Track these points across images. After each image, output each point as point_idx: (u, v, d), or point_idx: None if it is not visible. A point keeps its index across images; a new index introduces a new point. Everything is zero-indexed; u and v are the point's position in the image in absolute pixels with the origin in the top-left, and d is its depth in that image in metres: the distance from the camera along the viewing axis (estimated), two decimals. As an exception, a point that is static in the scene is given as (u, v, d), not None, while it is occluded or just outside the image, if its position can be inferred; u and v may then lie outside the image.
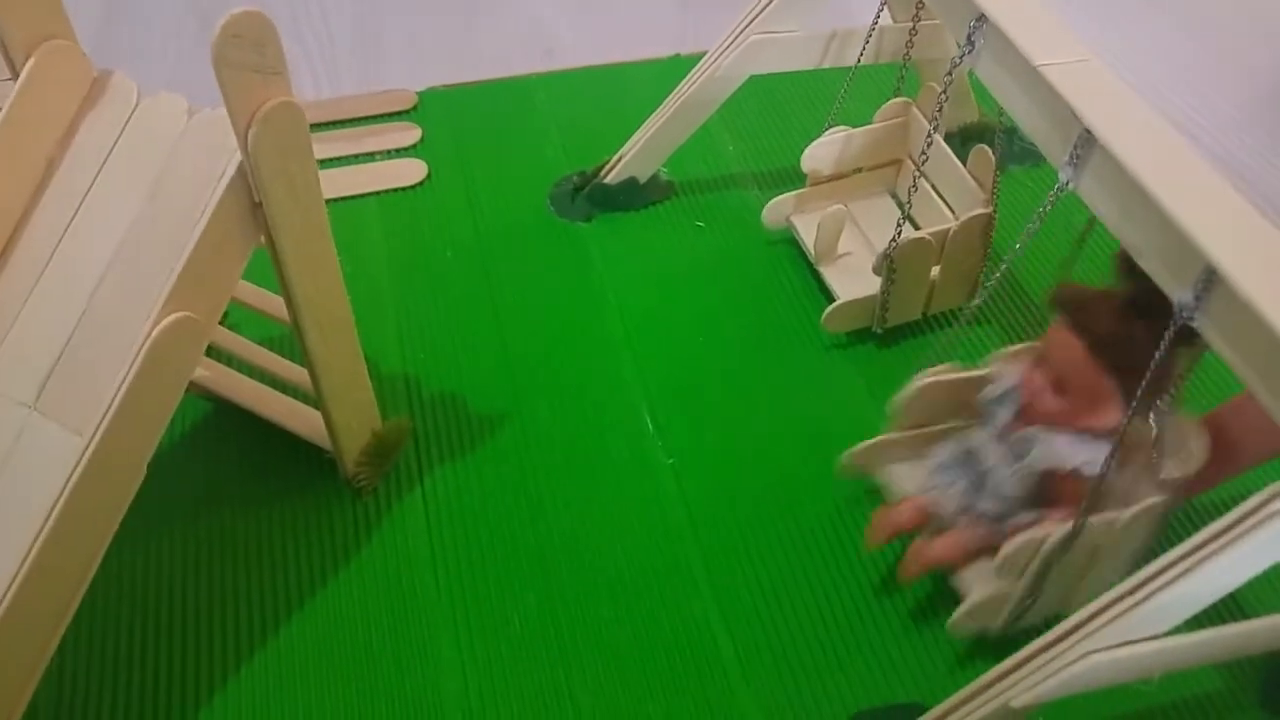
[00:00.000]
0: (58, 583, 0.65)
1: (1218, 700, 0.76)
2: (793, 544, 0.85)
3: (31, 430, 0.69)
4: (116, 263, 0.70)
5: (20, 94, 0.70)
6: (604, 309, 1.04)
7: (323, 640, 0.79)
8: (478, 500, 0.88)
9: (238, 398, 0.91)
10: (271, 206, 0.67)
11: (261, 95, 0.62)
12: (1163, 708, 0.75)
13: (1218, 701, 0.76)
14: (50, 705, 0.75)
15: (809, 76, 1.08)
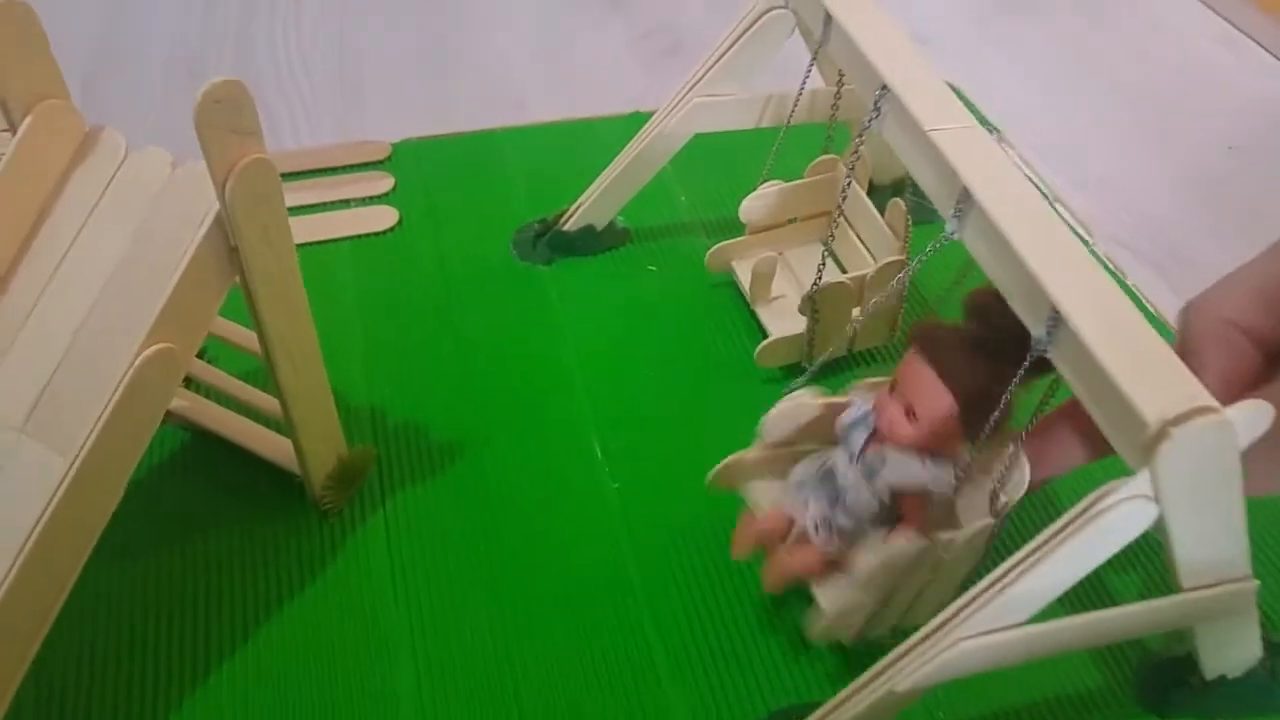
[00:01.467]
0: (39, 592, 0.71)
1: (1097, 696, 0.84)
2: (721, 559, 0.92)
3: (20, 451, 0.76)
4: (101, 300, 0.78)
5: (16, 149, 0.79)
6: (560, 346, 1.12)
7: (290, 647, 0.85)
8: (436, 522, 0.95)
9: (212, 425, 0.98)
10: (246, 250, 0.75)
11: (238, 153, 0.71)
12: (1046, 703, 0.83)
13: (1097, 698, 0.83)
14: (30, 711, 0.81)
15: (754, 133, 1.18)
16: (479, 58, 1.66)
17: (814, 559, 0.79)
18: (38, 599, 0.71)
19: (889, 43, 0.89)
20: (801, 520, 0.80)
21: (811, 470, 0.81)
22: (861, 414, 0.79)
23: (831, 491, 0.79)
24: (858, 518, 0.78)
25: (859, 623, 0.79)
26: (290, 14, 1.74)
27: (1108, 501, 0.60)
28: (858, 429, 0.79)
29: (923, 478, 0.75)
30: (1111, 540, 0.62)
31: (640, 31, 1.72)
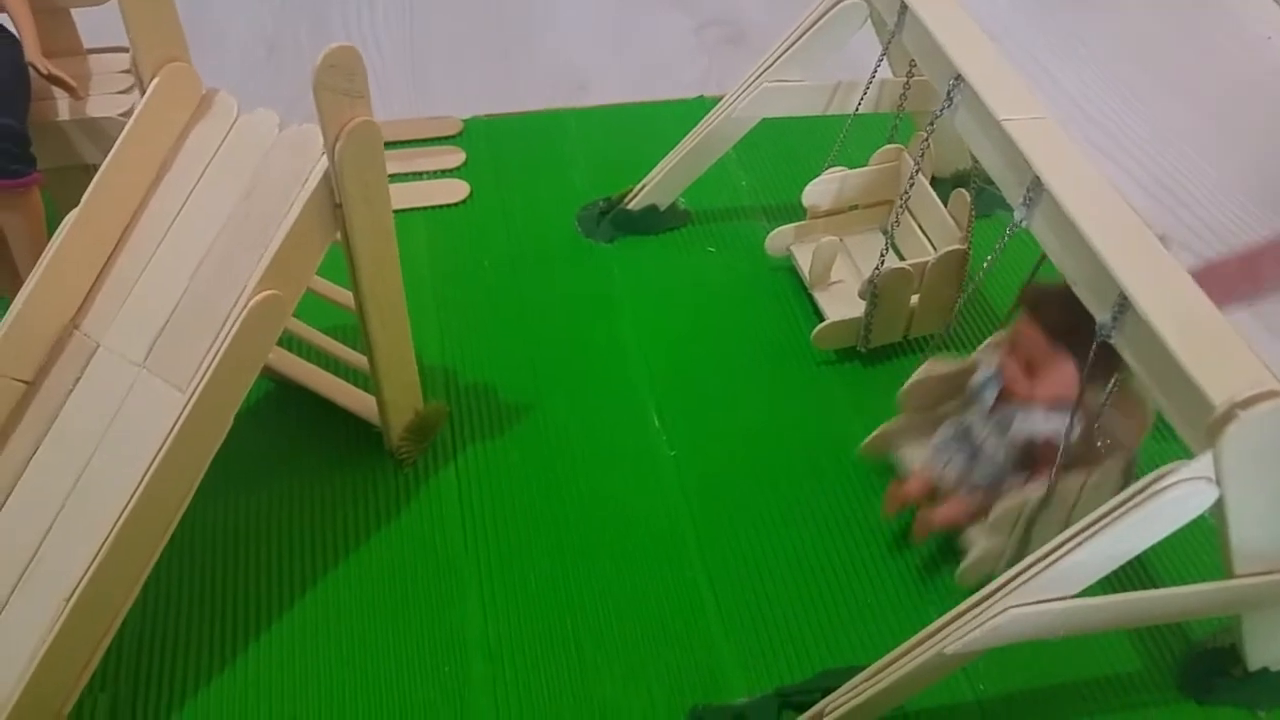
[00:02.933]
0: (158, 514, 0.77)
1: (1138, 680, 0.87)
2: (773, 526, 0.96)
3: (141, 385, 0.82)
4: (214, 248, 0.84)
5: (145, 107, 0.84)
6: (620, 319, 1.17)
7: (367, 585, 0.91)
8: (503, 477, 1.00)
9: (298, 377, 1.04)
10: (349, 208, 0.80)
11: (348, 114, 0.76)
12: (1088, 684, 0.86)
13: (1138, 682, 0.87)
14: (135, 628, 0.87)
15: (817, 120, 1.21)
16: (544, 40, 1.70)
17: (957, 512, 0.86)
18: (154, 524, 0.77)
19: (963, 34, 0.92)
20: (943, 477, 0.87)
21: (950, 432, 0.88)
22: (991, 374, 0.86)
23: (969, 449, 0.86)
24: (994, 471, 0.85)
25: (1001, 565, 0.85)
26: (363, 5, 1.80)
27: (1168, 481, 0.63)
28: (988, 388, 0.85)
29: (1046, 428, 0.81)
30: (1168, 519, 0.65)
31: (701, 20, 1.76)
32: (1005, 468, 0.84)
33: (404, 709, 0.83)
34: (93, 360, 0.84)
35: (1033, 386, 0.81)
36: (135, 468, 0.78)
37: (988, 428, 0.85)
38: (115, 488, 0.79)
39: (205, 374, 0.76)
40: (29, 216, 0.97)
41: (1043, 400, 0.81)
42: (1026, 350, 0.82)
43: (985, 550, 0.84)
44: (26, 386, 0.83)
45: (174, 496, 0.77)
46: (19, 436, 0.83)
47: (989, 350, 0.89)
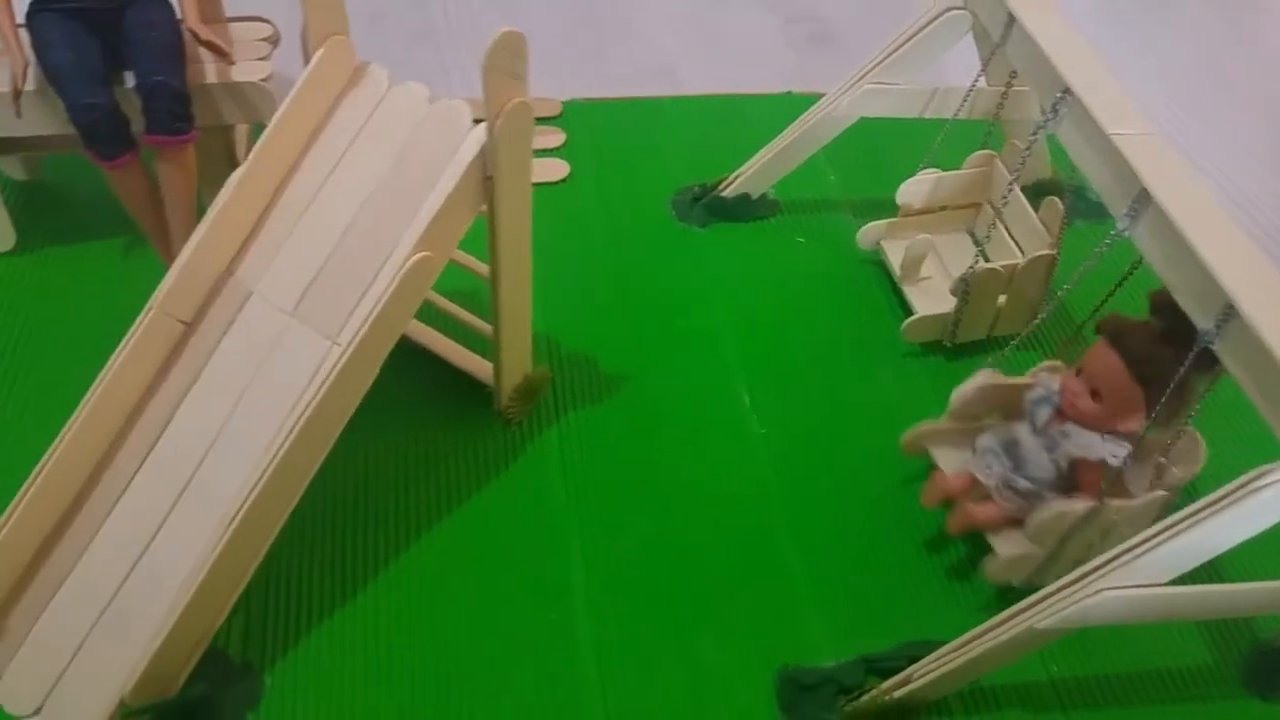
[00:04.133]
0: (310, 451, 0.84)
1: (1204, 674, 0.92)
2: (861, 503, 1.02)
3: (290, 331, 0.88)
4: (364, 210, 0.90)
5: (309, 77, 0.90)
6: (712, 302, 1.22)
7: (476, 532, 0.98)
8: (603, 441, 1.07)
9: (419, 338, 1.10)
10: (500, 180, 0.86)
11: (510, 94, 0.82)
12: (1157, 674, 0.91)
13: (1204, 675, 0.92)
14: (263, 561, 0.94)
15: (902, 122, 1.26)
16: (634, 28, 1.75)
17: (995, 514, 0.91)
18: (306, 460, 0.83)
19: (1070, 46, 0.97)
20: (985, 481, 0.92)
21: (996, 439, 0.93)
22: (1047, 393, 0.91)
23: (1014, 458, 0.91)
24: (1036, 482, 0.89)
25: (1028, 570, 0.90)
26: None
27: (1265, 480, 0.68)
28: (1043, 405, 0.90)
29: (1101, 451, 0.85)
30: (1262, 517, 0.69)
31: (787, 17, 1.80)
32: (1047, 482, 0.89)
33: (512, 651, 0.90)
34: (246, 306, 0.90)
35: (1100, 412, 0.85)
36: (285, 406, 0.85)
37: (1036, 442, 0.89)
38: (267, 424, 0.86)
39: (362, 327, 0.82)
40: (185, 171, 1.04)
41: (1108, 426, 0.85)
42: (1097, 376, 0.85)
43: (1019, 555, 0.89)
44: (185, 327, 0.90)
45: (325, 436, 0.84)
46: (177, 371, 0.90)
47: (1045, 372, 0.95)
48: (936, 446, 0.98)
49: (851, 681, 0.89)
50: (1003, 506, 0.91)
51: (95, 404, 0.86)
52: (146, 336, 0.87)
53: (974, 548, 0.98)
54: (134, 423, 0.89)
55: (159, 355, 0.89)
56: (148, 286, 1.21)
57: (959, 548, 0.99)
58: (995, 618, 0.80)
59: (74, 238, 1.23)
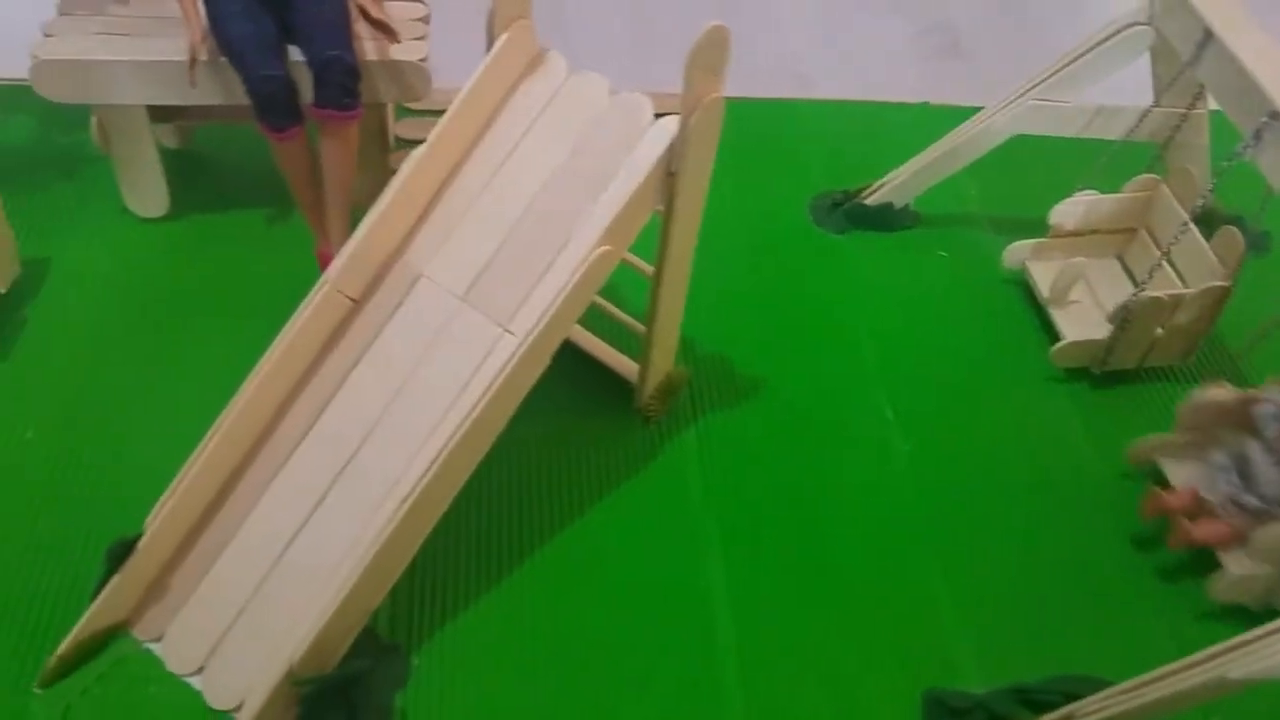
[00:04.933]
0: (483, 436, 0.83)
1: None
2: (1007, 529, 0.99)
3: (460, 317, 0.88)
4: (539, 199, 0.90)
5: (493, 60, 0.90)
6: (853, 311, 1.20)
7: (617, 530, 0.97)
8: (742, 445, 1.05)
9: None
10: (683, 177, 0.85)
11: (708, 89, 0.81)
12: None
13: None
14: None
15: (1047, 139, 1.22)
16: (766, 29, 1.73)
17: (1222, 531, 0.90)
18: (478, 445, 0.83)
19: (1278, 66, 0.92)
20: (1210, 497, 0.90)
21: (1225, 454, 0.91)
22: (1277, 409, 0.89)
23: (1244, 475, 0.89)
24: (1266, 499, 0.87)
25: (1259, 590, 0.88)
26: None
27: None
28: (1273, 420, 0.88)
29: None
30: None
31: (919, 27, 1.77)
32: (1276, 498, 0.87)
33: (655, 652, 0.89)
34: (415, 288, 0.90)
35: None
36: (451, 390, 0.85)
37: (1268, 458, 0.87)
38: (433, 406, 0.86)
39: (542, 319, 0.82)
40: (347, 146, 1.05)
41: None
42: None
43: (1248, 574, 0.87)
44: (353, 304, 0.90)
45: (496, 425, 0.83)
46: (344, 347, 0.90)
47: (1276, 385, 0.92)
48: (1165, 459, 0.97)
49: (1002, 711, 0.86)
50: (1229, 524, 0.90)
51: (265, 375, 0.86)
52: (318, 312, 0.88)
53: (1128, 581, 0.96)
54: (298, 395, 0.90)
55: (327, 330, 0.89)
56: (292, 255, 1.24)
57: (1113, 579, 0.96)
58: (1180, 661, 0.77)
59: (222, 206, 1.25)
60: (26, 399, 1.03)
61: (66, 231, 1.20)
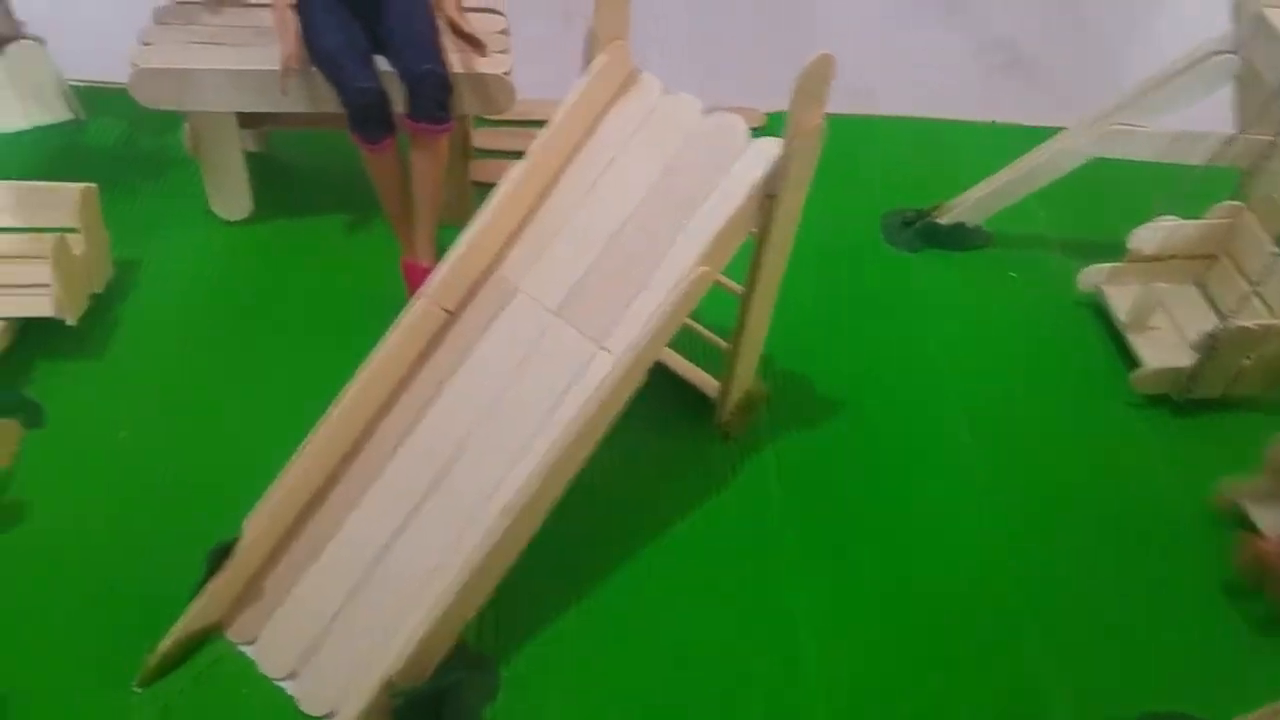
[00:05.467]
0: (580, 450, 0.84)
1: None
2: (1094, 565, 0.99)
3: (553, 331, 0.89)
4: (634, 217, 0.91)
5: (591, 79, 0.91)
6: (927, 329, 1.20)
7: (701, 548, 0.97)
8: (821, 464, 1.06)
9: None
10: (782, 200, 0.86)
11: (811, 116, 0.81)
12: None
13: None
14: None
15: (1124, 165, 1.22)
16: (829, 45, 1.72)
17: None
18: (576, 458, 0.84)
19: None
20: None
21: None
22: None
23: None
24: None
25: None
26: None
27: None
28: None
29: None
30: None
31: (980, 44, 1.77)
32: None
33: (739, 670, 0.89)
34: (509, 302, 0.92)
35: None
36: (545, 404, 0.86)
37: None
38: (527, 420, 0.87)
39: (641, 338, 0.83)
40: (437, 157, 1.06)
41: None
42: None
43: None
44: (448, 316, 0.92)
45: (592, 440, 0.84)
46: (438, 358, 0.91)
47: None
48: (1253, 504, 0.96)
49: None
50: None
51: (362, 384, 0.88)
52: (415, 324, 0.89)
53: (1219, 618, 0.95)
54: (393, 404, 0.91)
55: (422, 341, 0.91)
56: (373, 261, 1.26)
57: (1203, 616, 0.95)
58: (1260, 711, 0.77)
59: (303, 209, 1.27)
60: (120, 398, 1.05)
61: (155, 233, 1.22)
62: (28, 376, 1.06)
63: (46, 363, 1.08)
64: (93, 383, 1.06)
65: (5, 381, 1.04)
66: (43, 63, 1.29)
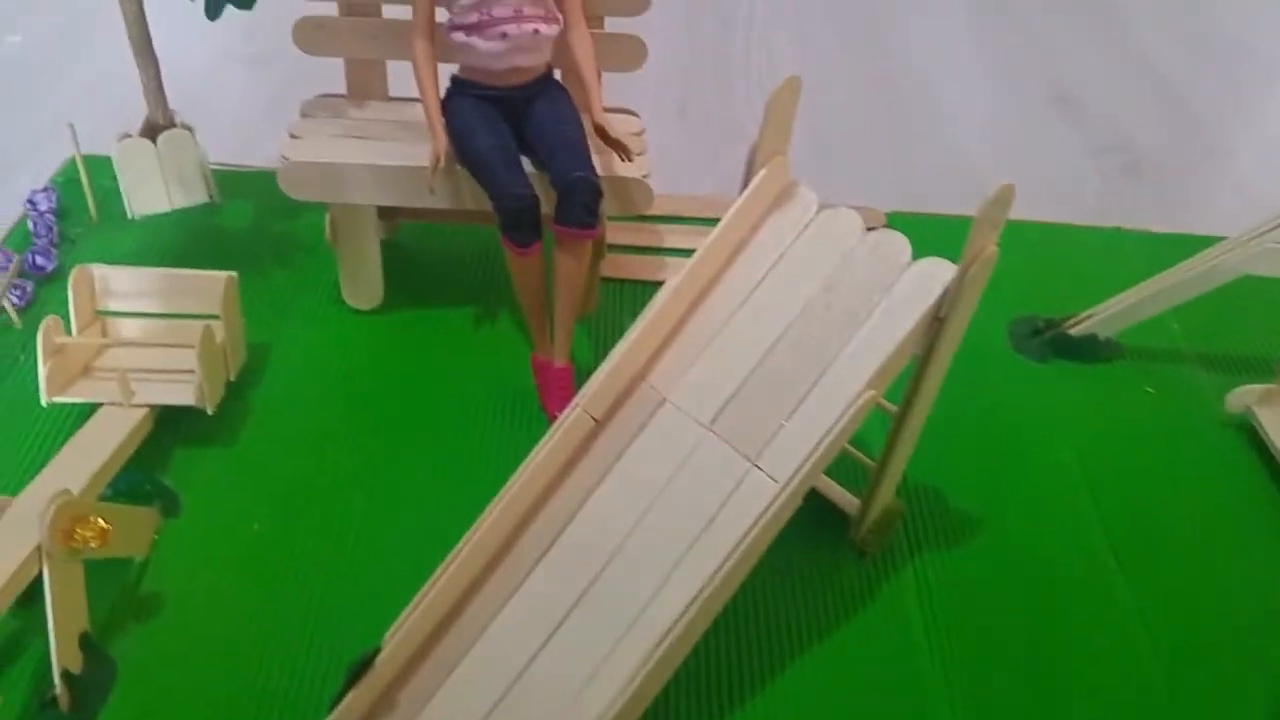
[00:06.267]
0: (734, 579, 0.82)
1: None
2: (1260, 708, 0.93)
3: (706, 446, 0.88)
4: (790, 332, 0.89)
5: (751, 193, 0.91)
6: (1061, 445, 1.16)
7: (835, 667, 0.94)
8: (963, 587, 1.02)
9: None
10: (950, 323, 0.84)
11: (989, 242, 0.80)
12: None
13: None
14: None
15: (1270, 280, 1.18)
16: (942, 141, 1.73)
17: None
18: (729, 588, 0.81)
19: None
20: None
21: None
22: None
23: None
24: None
25: None
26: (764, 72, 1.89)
27: None
28: None
29: None
30: None
31: (1098, 145, 1.75)
32: None
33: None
34: (658, 413, 0.90)
35: None
36: (697, 522, 0.84)
37: None
38: (677, 538, 0.84)
39: (804, 463, 0.81)
40: (580, 261, 1.06)
41: None
42: None
43: None
44: (595, 424, 0.91)
45: (752, 561, 0.82)
46: (584, 468, 0.90)
47: None
48: None
49: None
50: None
51: (513, 496, 0.87)
52: (567, 434, 0.89)
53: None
54: (538, 511, 0.90)
55: (570, 450, 0.90)
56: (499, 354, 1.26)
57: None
58: None
59: (430, 300, 1.28)
60: (253, 488, 1.05)
61: (285, 319, 1.24)
62: (165, 463, 1.07)
63: (181, 449, 1.09)
64: (226, 471, 1.07)
65: (143, 467, 1.05)
66: (191, 149, 1.34)
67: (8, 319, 1.20)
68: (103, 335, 1.13)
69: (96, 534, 0.88)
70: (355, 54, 1.21)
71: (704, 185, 1.59)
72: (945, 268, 0.86)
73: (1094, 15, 2.18)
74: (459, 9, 1.07)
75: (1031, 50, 2.03)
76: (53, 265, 1.27)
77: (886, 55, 1.98)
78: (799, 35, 2.01)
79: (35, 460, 1.05)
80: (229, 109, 1.65)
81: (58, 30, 1.82)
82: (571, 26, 1.12)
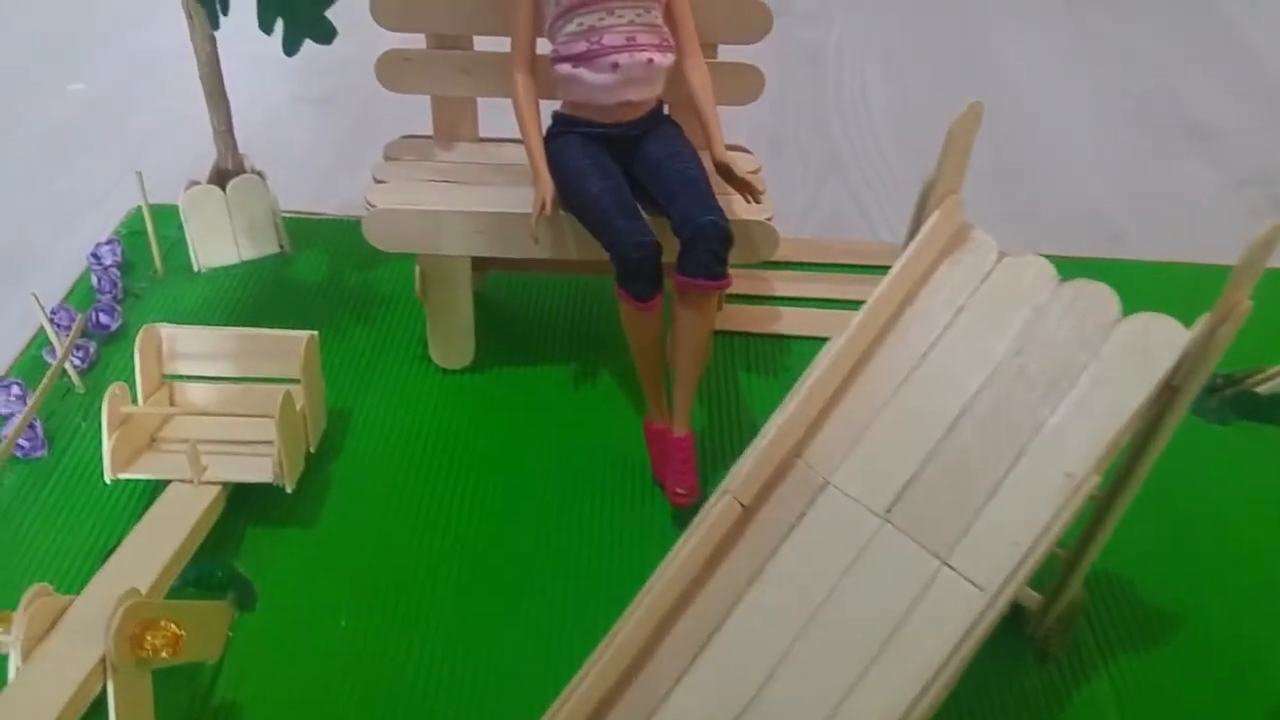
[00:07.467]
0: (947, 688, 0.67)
1: None
2: None
3: (883, 540, 0.74)
4: (976, 404, 0.75)
5: (924, 239, 0.78)
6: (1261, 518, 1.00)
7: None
8: (1162, 685, 0.86)
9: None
10: (1184, 393, 0.70)
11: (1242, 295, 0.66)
12: None
13: None
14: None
15: None
16: (1064, 176, 1.59)
17: None
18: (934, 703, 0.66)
19: None
20: None
21: None
22: None
23: None
24: None
25: None
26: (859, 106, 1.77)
27: None
28: None
29: None
30: None
31: (1238, 178, 1.59)
32: None
33: None
34: (819, 498, 0.77)
35: None
36: (879, 629, 0.70)
37: None
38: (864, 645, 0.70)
39: (1020, 566, 0.66)
40: (706, 315, 0.93)
41: None
42: None
43: None
44: (743, 510, 0.77)
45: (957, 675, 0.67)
46: (731, 561, 0.77)
47: None
48: None
49: None
50: None
51: (660, 590, 0.73)
52: (717, 523, 0.75)
53: None
54: (680, 613, 0.76)
55: (718, 540, 0.76)
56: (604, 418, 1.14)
57: None
58: None
59: (524, 359, 1.16)
60: (337, 576, 0.93)
61: (367, 381, 1.13)
62: (237, 547, 0.95)
63: (256, 530, 0.97)
64: (307, 557, 0.94)
65: (214, 551, 0.93)
66: (262, 195, 1.24)
67: (69, 383, 1.10)
68: (170, 402, 1.03)
69: (168, 641, 0.76)
70: (445, 90, 1.10)
71: (806, 227, 1.46)
72: (1171, 327, 0.72)
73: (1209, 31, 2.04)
74: (564, 37, 0.96)
75: (1149, 78, 1.89)
76: (117, 324, 1.17)
77: (984, 88, 1.85)
78: (890, 68, 1.89)
79: (96, 545, 0.94)
80: (297, 153, 1.55)
81: (120, 78, 1.75)
82: (687, 55, 1.01)
